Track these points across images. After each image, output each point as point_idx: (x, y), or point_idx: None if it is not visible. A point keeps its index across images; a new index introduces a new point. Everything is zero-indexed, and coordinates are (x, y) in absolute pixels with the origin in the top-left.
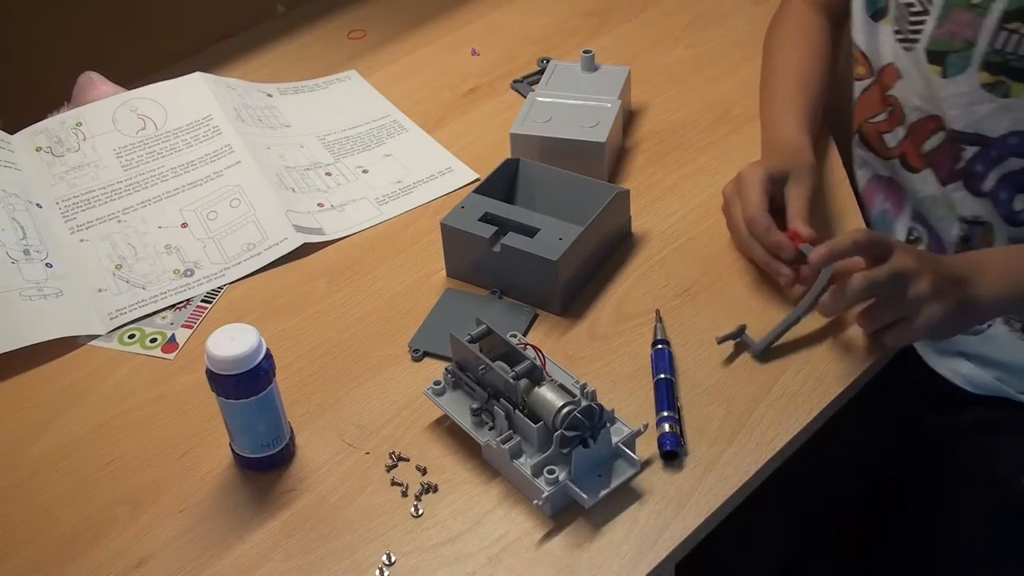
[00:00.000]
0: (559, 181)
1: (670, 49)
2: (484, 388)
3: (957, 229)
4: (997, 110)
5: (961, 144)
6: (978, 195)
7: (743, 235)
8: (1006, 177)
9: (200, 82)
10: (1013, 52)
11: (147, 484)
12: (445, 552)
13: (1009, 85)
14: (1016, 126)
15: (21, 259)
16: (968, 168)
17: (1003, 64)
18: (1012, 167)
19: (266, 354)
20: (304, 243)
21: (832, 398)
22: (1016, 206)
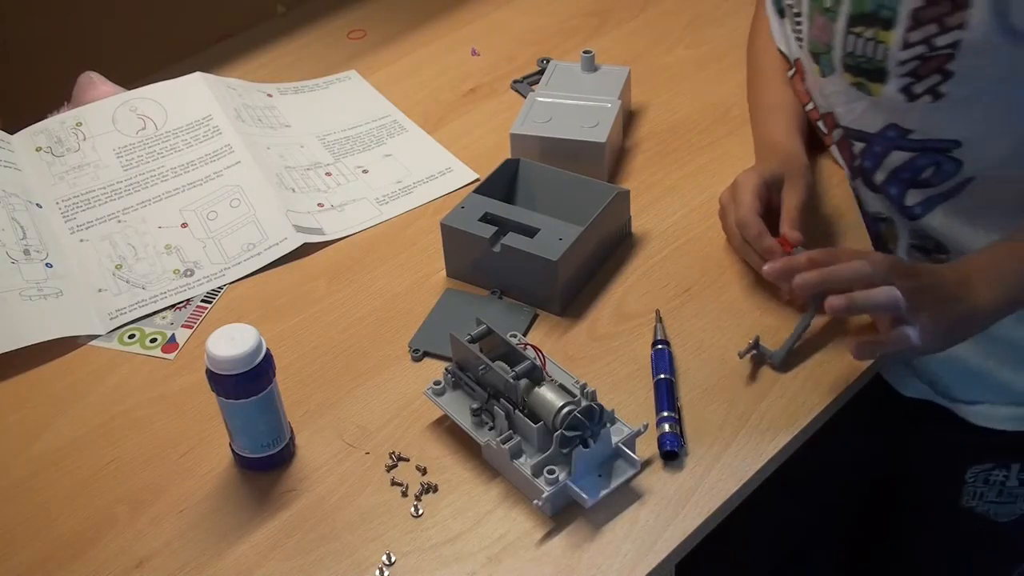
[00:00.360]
0: (559, 181)
1: (670, 49)
2: (484, 388)
3: (867, 226)
4: (870, 107)
5: (851, 140)
6: (875, 191)
7: (738, 240)
8: (893, 173)
9: (200, 82)
10: (862, 54)
11: (147, 484)
12: (445, 552)
13: (869, 85)
14: (890, 119)
15: (21, 259)
16: (861, 164)
17: (857, 66)
18: (896, 162)
19: (266, 354)
20: (304, 243)
21: (832, 398)
22: (907, 201)
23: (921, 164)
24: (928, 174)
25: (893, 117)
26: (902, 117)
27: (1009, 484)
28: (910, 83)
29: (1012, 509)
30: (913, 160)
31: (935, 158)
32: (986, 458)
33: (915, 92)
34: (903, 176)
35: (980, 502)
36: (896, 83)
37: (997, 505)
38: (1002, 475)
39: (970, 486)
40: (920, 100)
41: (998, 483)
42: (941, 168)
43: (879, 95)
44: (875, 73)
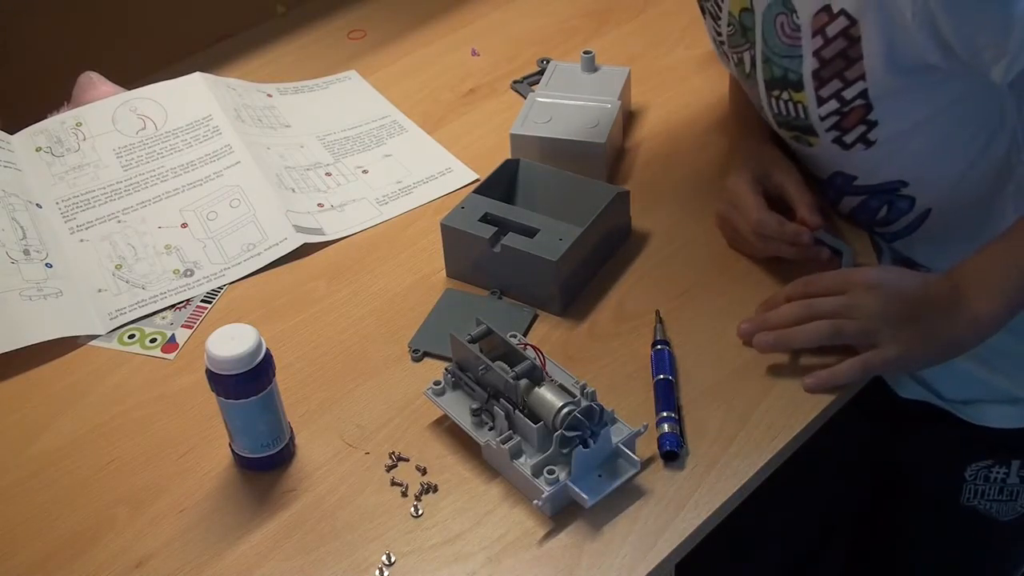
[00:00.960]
0: (559, 181)
1: (670, 49)
2: (484, 388)
3: None
4: (814, 155)
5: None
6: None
7: (755, 243)
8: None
9: (200, 82)
10: (788, 114)
11: (147, 484)
12: (445, 552)
13: (807, 138)
14: (834, 167)
15: (21, 259)
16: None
17: (788, 123)
18: (849, 204)
19: (266, 354)
20: (304, 243)
21: (832, 398)
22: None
23: (873, 205)
24: (883, 214)
25: (836, 165)
26: (843, 164)
27: (1010, 481)
28: (839, 135)
29: (1013, 507)
30: (865, 202)
31: (886, 198)
32: (985, 455)
33: (846, 142)
34: (861, 217)
35: (981, 500)
36: (826, 136)
37: (998, 503)
38: (1002, 472)
39: (970, 484)
40: (854, 148)
41: (999, 480)
42: (894, 206)
43: (816, 147)
44: (806, 128)
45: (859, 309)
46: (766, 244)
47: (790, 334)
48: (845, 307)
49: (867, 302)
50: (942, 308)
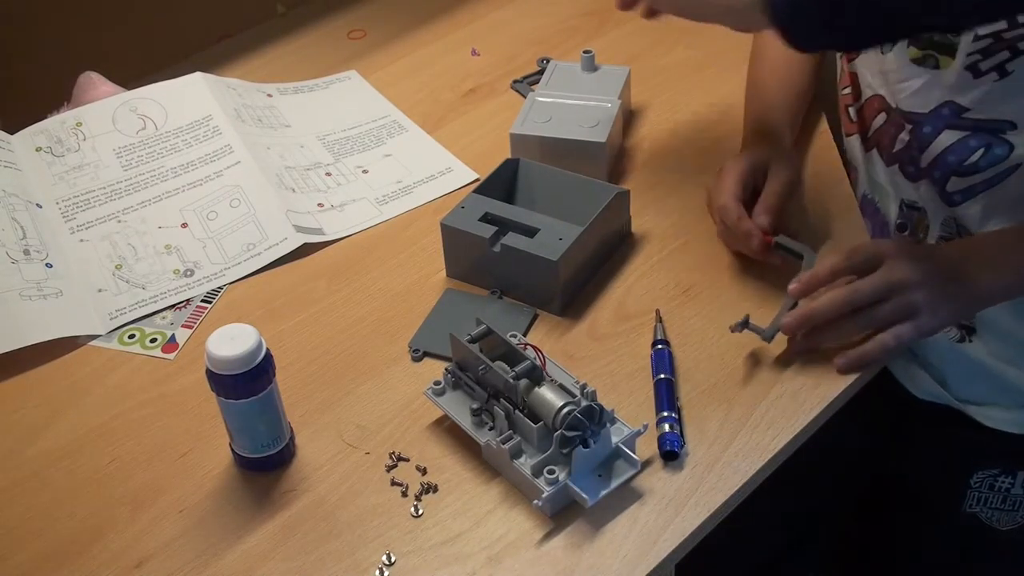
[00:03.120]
0: (559, 181)
1: (670, 49)
2: (484, 388)
3: (895, 214)
4: (927, 84)
5: (899, 123)
6: (914, 179)
7: (720, 226)
8: (941, 156)
9: (200, 82)
10: None
11: (147, 484)
12: (445, 552)
13: (938, 58)
14: (947, 96)
15: (21, 259)
16: (905, 149)
17: (928, 39)
18: (945, 142)
19: (266, 354)
20: (304, 243)
21: (832, 398)
22: (949, 187)
23: (972, 145)
24: (976, 157)
25: (950, 94)
26: (961, 94)
27: (1014, 492)
28: (978, 60)
29: (1014, 517)
30: (964, 140)
31: (986, 139)
32: (994, 463)
33: (981, 69)
34: (949, 159)
35: (983, 508)
36: (964, 59)
37: (1000, 512)
38: (1008, 482)
39: (974, 491)
40: (985, 77)
41: (1003, 490)
42: (990, 151)
43: (946, 68)
44: (946, 47)
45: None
46: (723, 231)
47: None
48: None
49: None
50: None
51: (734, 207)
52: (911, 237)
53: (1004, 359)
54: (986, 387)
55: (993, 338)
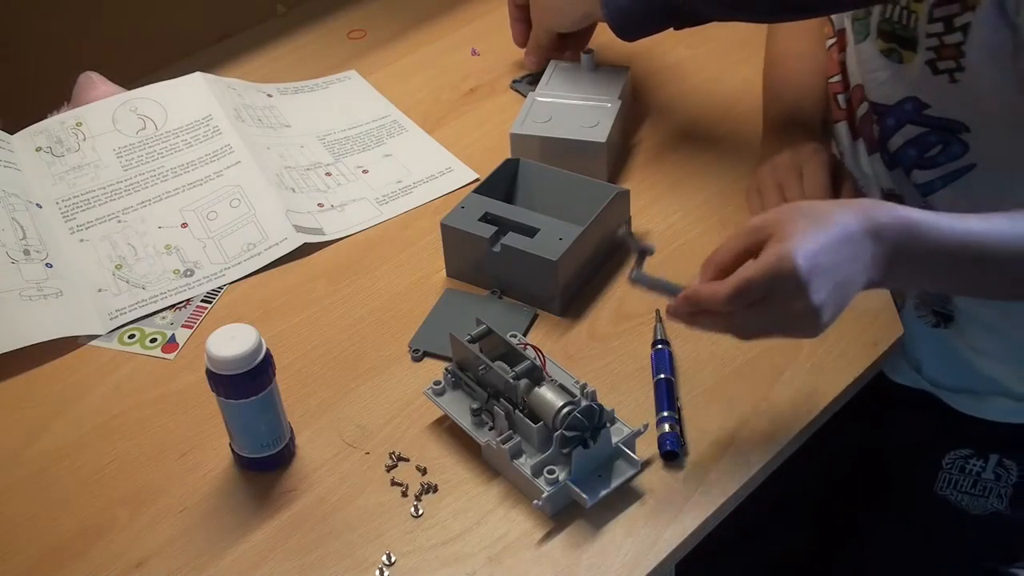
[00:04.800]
0: (559, 181)
1: (670, 49)
2: (484, 388)
3: None
4: (892, 76)
5: (874, 113)
6: (890, 167)
7: None
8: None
9: (200, 82)
10: (898, 21)
11: (147, 484)
12: (445, 552)
13: (901, 52)
14: (910, 91)
15: (21, 259)
16: (880, 139)
17: (891, 31)
18: (908, 135)
19: (266, 354)
20: (304, 243)
21: (832, 398)
22: (916, 179)
23: (932, 141)
24: (935, 152)
25: (913, 90)
26: (922, 90)
27: (984, 476)
28: (934, 58)
29: (984, 504)
30: (925, 135)
31: (944, 137)
32: (966, 444)
33: (938, 68)
34: (911, 153)
35: (954, 491)
36: (924, 55)
37: (971, 497)
38: (979, 465)
39: (946, 472)
40: (940, 77)
41: (974, 473)
42: (948, 148)
43: (909, 63)
44: (907, 41)
45: (784, 284)
46: None
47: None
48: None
49: (791, 270)
50: (859, 255)
51: None
52: None
53: (979, 348)
54: (960, 374)
55: (969, 326)
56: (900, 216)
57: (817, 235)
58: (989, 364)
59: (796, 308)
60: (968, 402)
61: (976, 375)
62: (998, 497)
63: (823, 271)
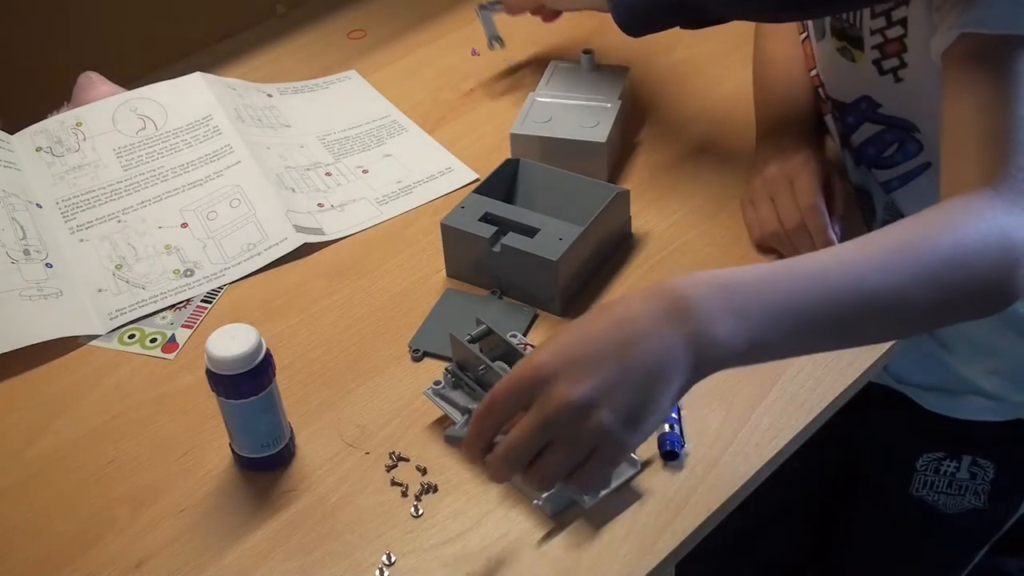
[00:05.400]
0: (559, 181)
1: (670, 49)
2: (484, 388)
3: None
4: (848, 75)
5: (835, 110)
6: (856, 164)
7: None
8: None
9: (200, 82)
10: (846, 19)
11: (147, 484)
12: (445, 552)
13: (852, 51)
14: (864, 90)
15: (21, 259)
16: (844, 135)
17: (841, 30)
18: (867, 133)
19: (266, 354)
20: (304, 243)
21: (832, 398)
22: (879, 177)
23: (888, 139)
24: (891, 151)
25: (866, 88)
26: (874, 89)
27: (959, 476)
28: (879, 57)
29: (960, 502)
30: (880, 134)
31: (899, 135)
32: (938, 447)
33: (884, 67)
34: (869, 151)
35: (929, 491)
36: (870, 54)
37: (946, 496)
38: (953, 466)
39: (920, 474)
40: (886, 76)
41: (948, 474)
42: (903, 147)
43: (860, 62)
44: (855, 40)
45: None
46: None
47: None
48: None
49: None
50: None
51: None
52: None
53: (948, 345)
54: (930, 371)
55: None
56: (706, 280)
57: (566, 334)
58: (958, 361)
59: (558, 417)
60: (938, 400)
61: (946, 372)
62: (975, 495)
63: (577, 363)
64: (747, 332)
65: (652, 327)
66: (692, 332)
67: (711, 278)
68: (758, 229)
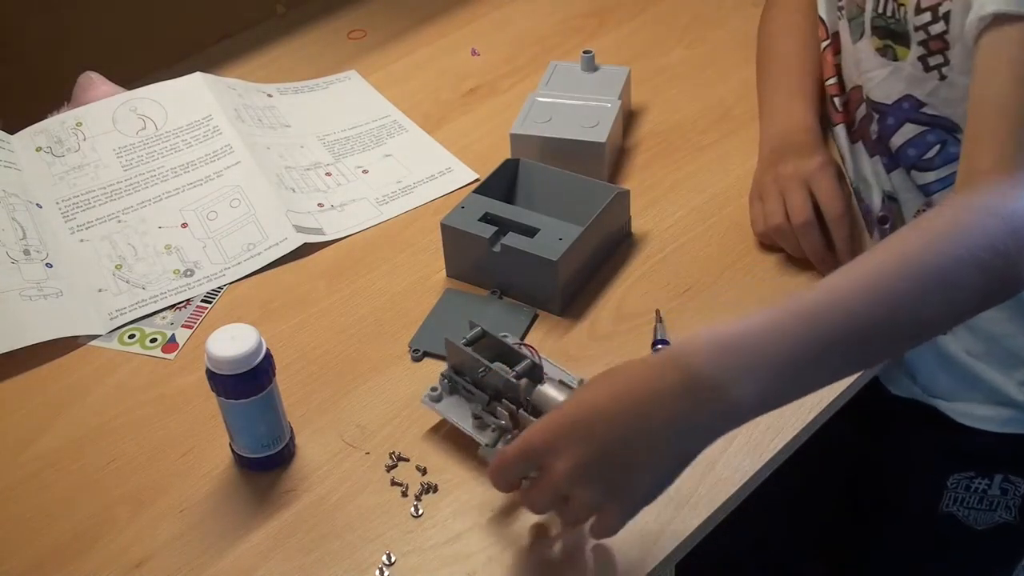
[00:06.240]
0: (559, 181)
1: (670, 49)
2: (483, 391)
3: (878, 205)
4: (889, 75)
5: (872, 113)
6: (888, 169)
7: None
8: (903, 148)
9: (200, 82)
10: (890, 15)
11: (147, 484)
12: (445, 552)
13: (895, 49)
14: (907, 89)
15: (21, 259)
16: (880, 139)
17: (885, 27)
18: (907, 134)
19: (266, 354)
20: (304, 243)
21: (833, 398)
22: (917, 180)
23: (930, 140)
24: (933, 153)
25: (910, 88)
26: (918, 88)
27: (991, 492)
28: (925, 54)
29: (991, 517)
30: (923, 135)
31: (942, 136)
32: (969, 465)
33: (929, 64)
34: (909, 153)
35: (959, 507)
36: (916, 50)
37: (977, 512)
38: (984, 483)
39: (951, 491)
40: (931, 73)
41: (979, 491)
42: (945, 148)
43: (904, 59)
44: (900, 36)
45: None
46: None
47: None
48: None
49: (563, 468)
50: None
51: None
52: (891, 230)
53: (975, 353)
54: (957, 382)
55: (965, 331)
56: (709, 345)
57: (573, 404)
58: (986, 370)
59: (558, 485)
60: (967, 411)
61: (973, 382)
62: (1006, 509)
63: (567, 438)
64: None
65: (659, 402)
66: (706, 399)
67: (714, 341)
68: (763, 223)
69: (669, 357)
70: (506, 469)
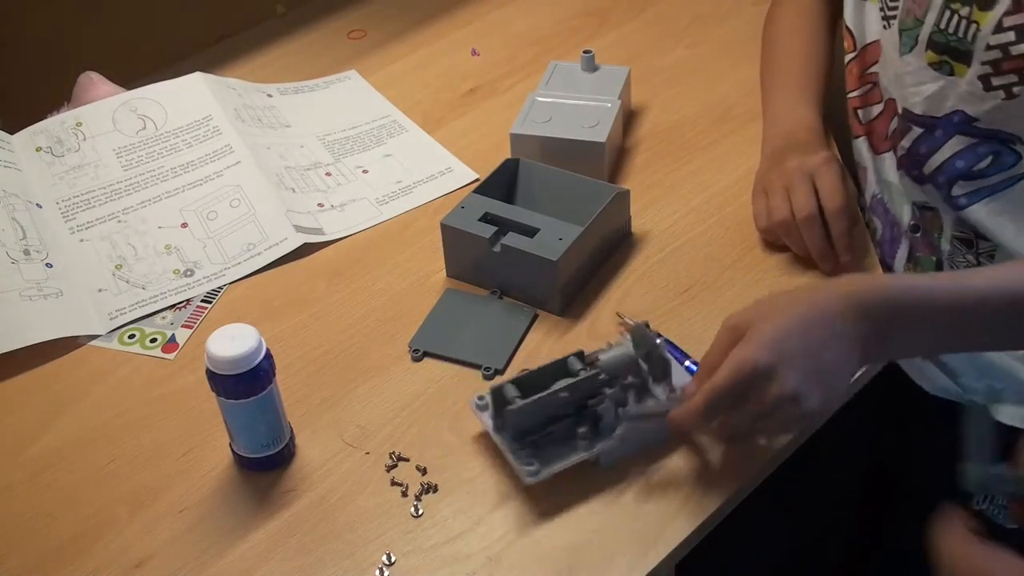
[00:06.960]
0: (559, 181)
1: (670, 49)
2: (564, 410)
3: (908, 215)
4: (941, 89)
5: (909, 125)
6: (919, 182)
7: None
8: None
9: (200, 82)
10: (953, 33)
11: (147, 484)
12: (445, 552)
13: (953, 65)
14: (958, 104)
15: (21, 259)
16: (913, 151)
17: (945, 43)
18: (956, 147)
19: (266, 354)
20: (304, 243)
21: None
22: (953, 191)
23: (981, 152)
24: (985, 164)
25: (961, 103)
26: (971, 105)
27: None
28: (989, 73)
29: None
30: (973, 147)
31: (995, 147)
32: None
33: (992, 83)
34: (957, 164)
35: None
36: (977, 69)
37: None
38: None
39: None
40: (993, 93)
41: None
42: (999, 158)
43: (961, 76)
44: (962, 55)
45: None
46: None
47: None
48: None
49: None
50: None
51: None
52: (924, 238)
53: (1016, 354)
54: (997, 382)
55: None
56: (884, 294)
57: (781, 326)
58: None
59: (771, 400)
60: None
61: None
62: None
63: (789, 359)
64: (914, 344)
65: (842, 329)
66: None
67: (892, 291)
68: (767, 218)
69: (858, 296)
70: (722, 402)
